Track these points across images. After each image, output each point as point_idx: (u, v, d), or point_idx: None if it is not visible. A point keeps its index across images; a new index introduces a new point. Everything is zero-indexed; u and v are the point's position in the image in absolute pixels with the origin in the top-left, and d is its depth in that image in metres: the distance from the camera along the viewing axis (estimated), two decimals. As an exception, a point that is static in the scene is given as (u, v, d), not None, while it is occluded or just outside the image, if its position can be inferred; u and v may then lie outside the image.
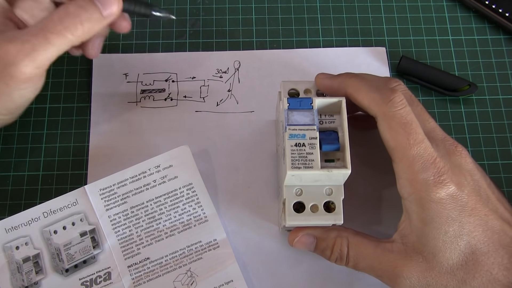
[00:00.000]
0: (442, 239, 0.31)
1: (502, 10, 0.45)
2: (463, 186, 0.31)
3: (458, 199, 0.31)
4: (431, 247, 0.31)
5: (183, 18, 0.46)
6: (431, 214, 0.31)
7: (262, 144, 0.42)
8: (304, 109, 0.33)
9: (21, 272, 0.37)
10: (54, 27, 0.32)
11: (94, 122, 0.42)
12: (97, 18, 0.33)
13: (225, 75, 0.44)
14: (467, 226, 0.31)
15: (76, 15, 0.33)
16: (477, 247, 0.31)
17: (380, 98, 0.32)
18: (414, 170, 0.31)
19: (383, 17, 0.46)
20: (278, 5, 0.47)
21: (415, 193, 0.31)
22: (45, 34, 0.32)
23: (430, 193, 0.31)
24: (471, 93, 0.43)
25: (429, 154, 0.31)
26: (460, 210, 0.31)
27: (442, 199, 0.31)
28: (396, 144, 0.32)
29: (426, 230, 0.31)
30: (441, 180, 0.31)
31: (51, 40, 0.32)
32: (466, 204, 0.31)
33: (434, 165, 0.31)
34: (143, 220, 0.38)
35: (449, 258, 0.31)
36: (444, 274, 0.31)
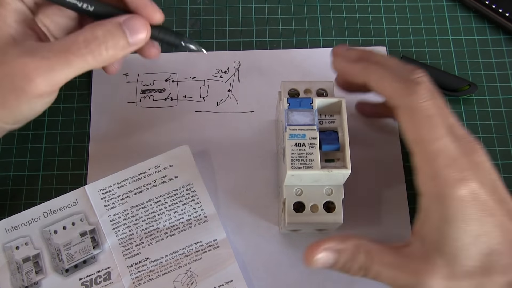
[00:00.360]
0: (463, 239, 0.29)
1: (502, 10, 0.45)
2: (483, 185, 0.30)
3: (479, 198, 0.30)
4: (453, 247, 0.30)
5: (183, 18, 0.46)
6: (452, 212, 0.29)
7: (262, 144, 0.42)
8: (304, 109, 0.33)
9: (21, 272, 0.37)
10: (77, 50, 0.31)
11: (94, 122, 0.42)
12: (123, 46, 0.32)
13: (225, 75, 0.44)
14: (487, 226, 0.30)
15: (103, 40, 0.31)
16: (494, 248, 0.30)
17: (405, 89, 0.31)
18: (436, 166, 0.30)
19: (383, 17, 0.46)
20: (278, 5, 0.47)
21: (437, 190, 0.30)
22: (66, 55, 0.31)
23: (452, 190, 0.29)
24: (471, 93, 0.43)
25: (451, 150, 0.30)
26: (480, 209, 0.30)
27: (464, 197, 0.29)
28: (418, 138, 0.31)
29: (447, 229, 0.30)
30: (463, 177, 0.30)
31: (72, 62, 0.31)
32: (485, 204, 0.30)
33: (456, 161, 0.30)
34: (143, 220, 0.38)
35: (469, 259, 0.30)
36: (464, 278, 0.30)
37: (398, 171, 0.41)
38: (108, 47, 0.32)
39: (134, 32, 0.32)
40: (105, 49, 0.31)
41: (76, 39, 0.31)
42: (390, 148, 0.42)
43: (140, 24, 0.32)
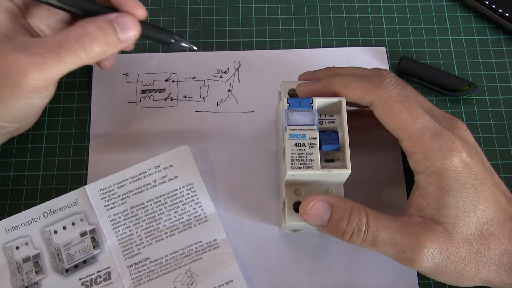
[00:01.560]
0: (462, 207, 0.30)
1: (502, 10, 0.45)
2: (472, 155, 0.31)
3: (470, 167, 0.31)
4: (452, 216, 0.30)
5: (183, 18, 0.46)
6: (450, 182, 0.30)
7: (262, 144, 0.42)
8: (304, 109, 0.33)
9: (21, 272, 0.37)
10: (69, 45, 0.31)
11: (94, 122, 0.42)
12: (113, 42, 0.33)
13: (225, 75, 0.44)
14: (482, 195, 0.31)
15: (94, 36, 0.32)
16: (490, 216, 0.31)
17: (371, 84, 0.33)
18: (425, 142, 0.31)
19: (383, 17, 0.46)
20: (278, 5, 0.47)
21: (432, 164, 0.31)
22: (58, 50, 0.31)
23: (446, 161, 0.30)
24: (471, 93, 0.43)
25: (434, 124, 0.31)
26: (473, 178, 0.31)
27: (457, 166, 0.30)
28: (400, 122, 0.32)
29: (446, 199, 0.31)
30: (454, 148, 0.31)
31: (64, 58, 0.31)
32: (477, 173, 0.31)
33: (442, 134, 0.31)
34: (143, 220, 0.38)
35: (468, 227, 0.30)
36: (463, 245, 0.30)
37: (398, 171, 0.41)
38: (99, 43, 0.32)
39: (124, 29, 0.33)
40: (97, 45, 0.32)
41: (68, 35, 0.32)
42: (390, 148, 0.42)
43: (130, 22, 0.33)
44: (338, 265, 0.38)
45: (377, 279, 0.38)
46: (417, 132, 0.31)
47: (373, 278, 0.38)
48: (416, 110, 0.32)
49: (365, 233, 0.31)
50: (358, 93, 0.33)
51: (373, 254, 0.39)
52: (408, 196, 0.40)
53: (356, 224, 0.31)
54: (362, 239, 0.31)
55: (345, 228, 0.31)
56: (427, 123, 0.31)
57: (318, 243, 0.39)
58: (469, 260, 0.31)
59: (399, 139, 0.33)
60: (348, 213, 0.31)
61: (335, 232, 0.32)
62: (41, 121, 0.42)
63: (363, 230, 0.31)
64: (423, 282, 0.38)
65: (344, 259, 0.39)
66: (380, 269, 0.38)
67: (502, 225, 0.31)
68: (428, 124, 0.31)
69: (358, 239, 0.31)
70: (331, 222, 0.31)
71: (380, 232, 0.31)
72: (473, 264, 0.31)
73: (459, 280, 0.31)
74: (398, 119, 0.32)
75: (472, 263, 0.31)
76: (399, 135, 0.32)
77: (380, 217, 0.31)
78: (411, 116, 0.31)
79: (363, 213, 0.31)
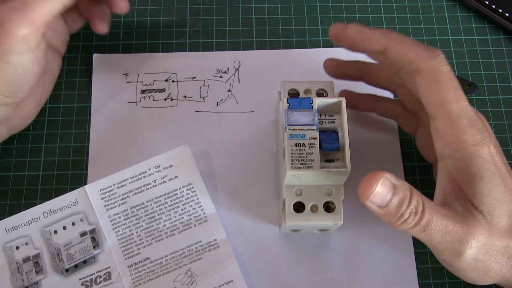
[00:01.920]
0: (495, 196, 0.30)
1: (502, 10, 0.45)
2: (497, 149, 0.31)
3: (496, 161, 0.30)
4: (488, 204, 0.30)
5: (183, 18, 0.46)
6: (482, 168, 0.30)
7: (262, 144, 0.42)
8: (304, 109, 0.33)
9: (21, 272, 0.37)
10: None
11: (94, 122, 0.42)
12: None
13: (225, 75, 0.44)
14: (508, 187, 0.30)
15: None
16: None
17: (428, 52, 0.31)
18: (461, 125, 0.30)
19: (383, 17, 0.46)
20: (278, 5, 0.47)
21: (464, 148, 0.30)
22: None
23: (478, 148, 0.30)
24: (471, 93, 0.43)
25: (471, 112, 0.31)
26: (498, 170, 0.30)
27: (487, 155, 0.30)
28: (443, 99, 0.31)
29: (480, 185, 0.30)
30: (484, 138, 0.30)
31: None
32: (501, 167, 0.31)
33: (476, 123, 0.30)
34: (143, 220, 0.38)
35: (501, 219, 0.30)
36: (498, 238, 0.30)
37: (398, 171, 0.41)
38: None
39: None
40: None
41: None
42: (390, 148, 0.42)
43: None
44: (338, 265, 0.38)
45: (377, 279, 0.38)
46: (456, 113, 0.30)
47: (373, 278, 0.38)
48: (460, 92, 0.31)
49: (420, 217, 0.29)
50: (412, 54, 0.32)
51: (373, 254, 0.39)
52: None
53: (415, 207, 0.29)
54: (416, 222, 0.29)
55: (405, 210, 0.29)
56: (467, 108, 0.31)
57: (318, 243, 0.39)
58: (500, 254, 0.30)
59: (433, 117, 0.31)
60: (408, 195, 0.29)
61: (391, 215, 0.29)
62: (41, 121, 0.42)
63: (419, 214, 0.29)
64: (423, 282, 0.38)
65: (344, 259, 0.39)
66: (380, 269, 0.38)
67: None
68: (467, 110, 0.31)
69: (412, 222, 0.29)
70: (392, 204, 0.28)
71: (434, 218, 0.29)
72: (501, 258, 0.30)
73: (484, 278, 0.31)
74: (442, 94, 0.31)
75: (501, 257, 0.30)
76: (436, 111, 0.31)
77: (433, 203, 0.30)
78: (455, 96, 0.31)
79: (421, 196, 0.29)
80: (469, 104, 0.31)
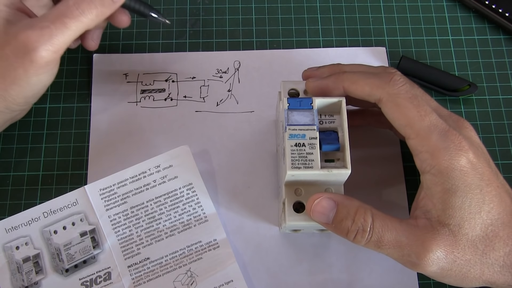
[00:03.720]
0: (468, 208, 0.30)
1: (502, 10, 0.45)
2: (478, 156, 0.31)
3: (477, 168, 0.30)
4: (458, 217, 0.30)
5: (183, 18, 0.46)
6: (456, 182, 0.30)
7: (262, 144, 0.42)
8: (304, 109, 0.33)
9: (21, 272, 0.37)
10: (71, 12, 0.34)
11: (94, 122, 0.42)
12: (108, 3, 0.36)
13: (225, 75, 0.44)
14: (487, 196, 0.30)
15: (90, 1, 0.35)
16: (495, 218, 0.30)
17: (380, 81, 0.32)
18: (433, 141, 0.31)
19: (383, 17, 0.46)
20: (278, 5, 0.47)
21: (438, 164, 0.30)
22: (62, 19, 0.34)
23: (453, 161, 0.30)
24: (471, 93, 0.43)
25: (442, 123, 0.31)
26: (479, 179, 0.30)
27: (464, 166, 0.30)
28: (408, 120, 0.31)
29: (452, 200, 0.30)
30: (461, 147, 0.30)
31: (68, 25, 0.34)
32: (483, 174, 0.31)
33: (450, 133, 0.31)
34: (143, 220, 0.38)
35: (473, 229, 0.30)
36: (468, 247, 0.30)
37: (398, 171, 0.41)
38: (96, 5, 0.35)
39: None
40: (94, 7, 0.35)
41: (67, 4, 0.35)
42: (390, 148, 0.42)
43: None
44: (338, 265, 0.38)
45: (377, 279, 0.38)
46: (425, 130, 0.31)
47: (373, 278, 0.38)
48: (424, 108, 0.31)
49: (369, 234, 0.31)
50: (367, 89, 0.33)
51: (373, 254, 0.38)
52: (408, 196, 0.40)
53: (361, 224, 0.31)
54: (367, 239, 0.31)
55: (350, 227, 0.31)
56: (435, 122, 0.31)
57: (318, 243, 0.39)
58: (474, 262, 0.30)
59: (406, 137, 0.32)
60: (353, 212, 0.31)
61: (339, 231, 0.32)
62: (41, 121, 0.42)
63: (368, 231, 0.30)
64: (423, 282, 0.38)
65: (344, 259, 0.38)
66: (380, 269, 0.38)
67: (506, 226, 0.30)
68: (435, 123, 0.31)
69: (362, 239, 0.31)
70: (336, 220, 0.31)
71: (386, 234, 0.30)
72: (478, 265, 0.30)
73: (464, 282, 0.31)
74: (406, 116, 0.31)
75: (477, 265, 0.30)
76: (406, 132, 0.32)
77: (386, 218, 0.31)
78: (419, 114, 0.31)
79: (369, 213, 0.31)
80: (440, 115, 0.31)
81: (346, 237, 0.31)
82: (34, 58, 0.34)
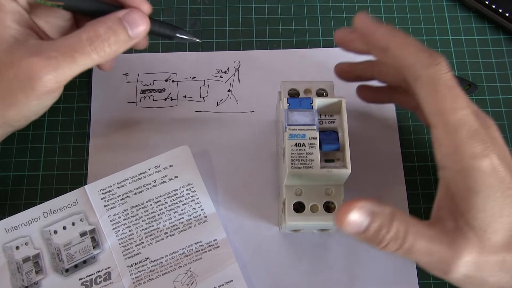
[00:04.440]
0: (490, 211, 0.29)
1: (502, 10, 0.45)
2: (501, 160, 0.30)
3: (498, 171, 0.29)
4: (482, 220, 0.29)
5: (183, 18, 0.46)
6: (479, 183, 0.29)
7: (262, 144, 0.42)
8: (304, 109, 0.33)
9: (21, 272, 0.37)
10: (82, 48, 0.33)
11: (94, 122, 0.42)
12: (124, 40, 0.34)
13: (225, 75, 0.44)
14: (508, 200, 0.29)
15: (105, 37, 0.33)
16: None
17: (429, 58, 0.30)
18: (460, 136, 0.29)
19: (383, 17, 0.46)
20: (278, 5, 0.47)
21: (461, 160, 0.29)
22: (72, 53, 0.32)
23: (476, 161, 0.29)
24: (471, 93, 0.43)
25: (472, 121, 0.30)
26: (500, 182, 0.29)
27: (487, 168, 0.29)
28: (440, 108, 0.30)
29: (474, 200, 0.29)
30: (485, 149, 0.29)
31: (77, 60, 0.33)
32: (504, 178, 0.29)
33: (477, 133, 0.29)
34: (143, 220, 0.38)
35: (496, 233, 0.29)
36: (492, 253, 0.29)
37: (398, 171, 0.41)
38: (110, 43, 0.33)
39: (134, 26, 0.33)
40: (108, 46, 0.33)
41: (80, 38, 0.33)
42: (390, 148, 0.42)
43: (139, 18, 0.34)
44: (338, 265, 0.38)
45: (377, 279, 0.38)
46: (455, 124, 0.29)
47: (373, 278, 0.38)
48: (461, 101, 0.30)
49: (402, 243, 0.29)
50: (412, 59, 0.30)
51: (373, 254, 0.39)
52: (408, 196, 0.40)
53: (395, 233, 0.29)
54: (398, 247, 0.29)
55: (384, 236, 0.29)
56: (467, 118, 0.30)
57: (318, 243, 0.39)
58: (495, 268, 0.29)
59: (432, 125, 0.31)
60: (388, 221, 0.29)
61: (371, 240, 0.29)
62: (41, 121, 0.42)
63: (401, 239, 0.29)
64: (423, 282, 0.38)
65: (344, 259, 0.39)
66: (380, 269, 0.38)
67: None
68: (467, 119, 0.30)
69: (394, 247, 0.29)
70: (370, 230, 0.29)
71: (418, 241, 0.29)
72: (498, 272, 0.30)
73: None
74: (439, 104, 0.30)
75: (497, 271, 0.30)
76: (435, 121, 0.30)
77: (418, 224, 0.30)
78: (454, 105, 0.30)
79: (404, 220, 0.29)
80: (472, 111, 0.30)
81: (376, 246, 0.30)
82: (36, 87, 0.32)
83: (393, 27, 0.32)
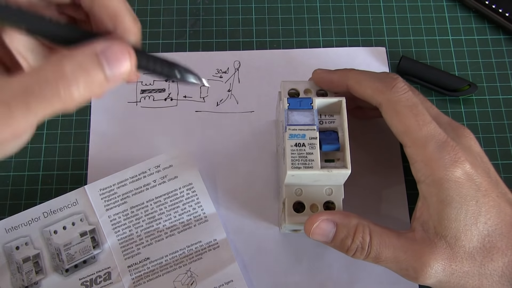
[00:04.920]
0: (463, 220, 0.30)
1: (502, 10, 0.45)
2: (476, 166, 0.31)
3: (473, 179, 0.30)
4: (453, 229, 0.30)
5: (183, 18, 0.46)
6: (451, 194, 0.30)
7: (262, 144, 0.42)
8: (304, 109, 0.33)
9: (21, 272, 0.37)
10: (39, 91, 0.23)
11: (94, 122, 0.42)
12: (99, 82, 0.24)
13: (225, 75, 0.44)
14: (484, 207, 0.30)
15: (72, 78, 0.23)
16: (492, 229, 0.30)
17: (383, 85, 0.32)
18: (429, 151, 0.31)
19: (383, 17, 0.46)
20: (278, 5, 0.47)
21: (432, 174, 0.31)
22: (26, 98, 0.23)
23: (448, 173, 0.30)
24: (471, 93, 0.43)
25: (440, 133, 0.31)
26: (476, 190, 0.30)
27: (459, 178, 0.30)
28: (406, 128, 0.31)
29: (447, 211, 0.30)
30: (457, 158, 0.30)
31: (32, 108, 0.23)
32: (480, 185, 0.31)
33: (447, 144, 0.31)
34: (143, 220, 0.38)
35: (470, 241, 0.30)
36: (466, 259, 0.30)
37: (398, 171, 0.41)
38: (79, 86, 0.23)
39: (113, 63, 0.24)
40: (77, 89, 0.23)
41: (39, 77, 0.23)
42: (390, 148, 0.42)
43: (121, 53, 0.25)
44: (338, 265, 0.38)
45: (377, 279, 0.38)
46: (422, 139, 0.31)
47: (373, 278, 0.38)
48: (423, 117, 0.31)
49: (368, 251, 0.31)
50: (369, 92, 0.33)
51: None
52: (408, 197, 0.40)
53: (360, 243, 0.31)
54: (365, 256, 0.31)
55: (349, 245, 0.32)
56: (433, 132, 0.31)
57: (318, 243, 0.39)
58: (473, 273, 0.30)
59: (403, 145, 0.32)
60: (352, 231, 0.31)
61: (339, 248, 0.32)
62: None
63: (366, 248, 0.31)
64: (423, 282, 0.38)
65: (344, 259, 0.38)
66: (380, 269, 0.38)
67: (505, 236, 0.30)
68: (433, 133, 0.31)
69: (361, 256, 0.32)
70: (336, 240, 0.32)
71: (383, 250, 0.31)
72: (476, 277, 0.30)
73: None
74: (404, 124, 0.32)
75: (476, 276, 0.30)
76: (403, 140, 0.32)
77: (384, 234, 0.31)
78: (417, 123, 0.31)
79: (367, 231, 0.31)
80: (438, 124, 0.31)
81: (346, 254, 0.32)
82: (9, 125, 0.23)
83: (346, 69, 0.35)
